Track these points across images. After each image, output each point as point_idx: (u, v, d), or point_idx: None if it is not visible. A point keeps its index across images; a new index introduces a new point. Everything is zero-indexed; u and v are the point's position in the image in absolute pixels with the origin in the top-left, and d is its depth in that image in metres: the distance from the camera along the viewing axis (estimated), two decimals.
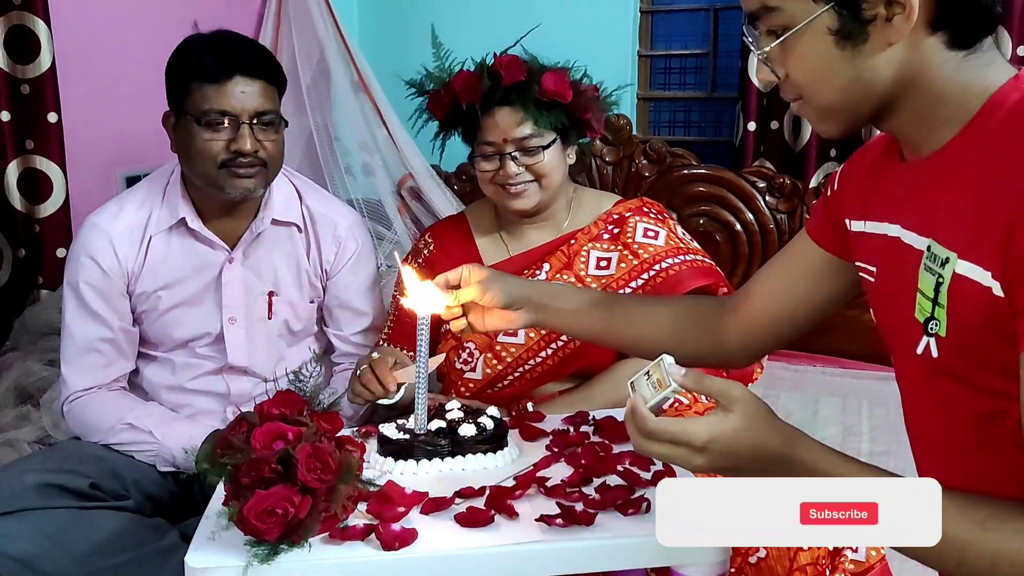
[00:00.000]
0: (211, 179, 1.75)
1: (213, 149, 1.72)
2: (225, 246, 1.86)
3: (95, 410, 1.81)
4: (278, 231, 1.90)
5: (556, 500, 1.26)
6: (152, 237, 1.83)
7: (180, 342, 1.88)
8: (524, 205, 1.82)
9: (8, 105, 2.53)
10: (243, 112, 1.72)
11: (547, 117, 1.78)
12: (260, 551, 1.15)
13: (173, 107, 1.79)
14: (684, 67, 3.28)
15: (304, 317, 1.96)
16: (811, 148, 2.83)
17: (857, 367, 2.62)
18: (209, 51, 1.76)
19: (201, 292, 1.87)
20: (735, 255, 2.79)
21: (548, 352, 1.81)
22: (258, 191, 1.80)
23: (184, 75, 1.76)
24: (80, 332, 1.83)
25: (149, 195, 1.86)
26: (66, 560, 1.58)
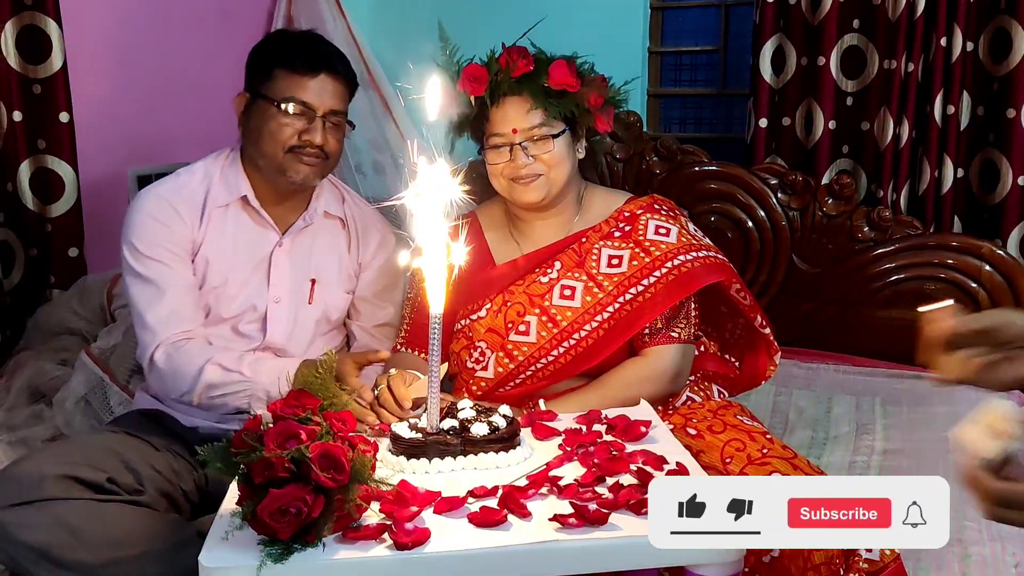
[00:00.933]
0: (276, 161, 1.85)
1: (285, 134, 1.84)
2: (277, 229, 1.95)
3: (181, 360, 1.81)
4: (326, 224, 2.01)
5: (569, 500, 1.26)
6: (211, 211, 1.90)
7: (223, 318, 1.92)
8: (534, 197, 1.82)
9: (20, 105, 2.54)
10: (320, 107, 1.85)
11: (556, 106, 1.78)
12: (273, 551, 1.15)
13: (249, 89, 1.90)
14: (695, 63, 3.27)
15: (339, 307, 2.04)
16: (823, 145, 2.81)
17: (871, 365, 2.60)
18: (302, 44, 1.90)
19: (251, 270, 1.94)
20: (747, 253, 2.77)
21: (560, 351, 1.81)
22: (314, 181, 1.91)
23: (271, 61, 1.87)
24: (160, 280, 1.85)
25: (207, 172, 1.94)
26: (82, 551, 1.60)
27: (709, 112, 3.30)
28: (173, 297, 1.85)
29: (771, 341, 1.95)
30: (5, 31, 2.48)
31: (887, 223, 2.61)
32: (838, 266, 2.68)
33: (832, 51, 2.75)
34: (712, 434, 1.70)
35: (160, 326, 1.84)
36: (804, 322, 2.73)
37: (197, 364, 1.79)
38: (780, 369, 2.58)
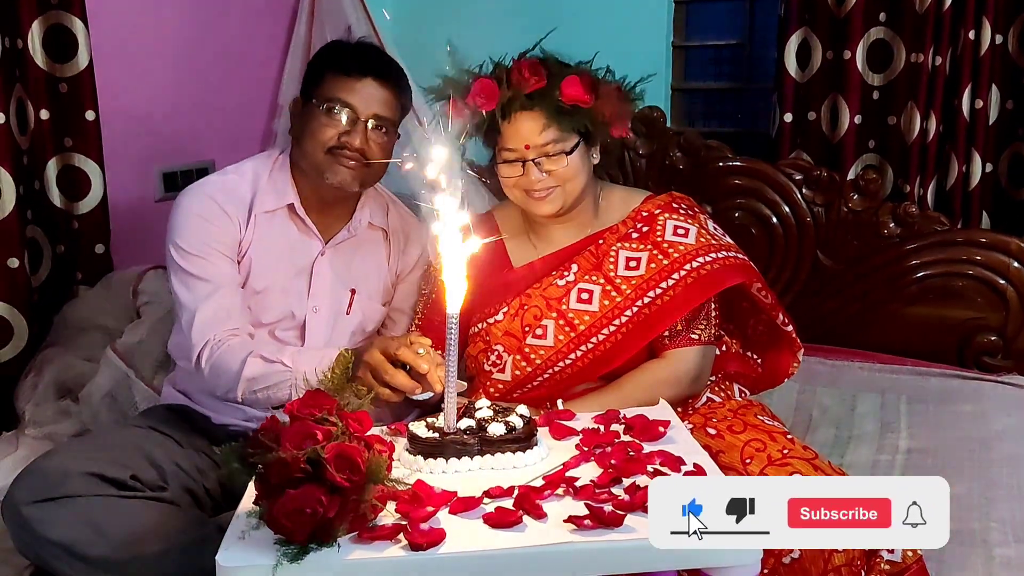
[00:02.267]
0: (316, 162, 1.85)
1: (326, 134, 1.83)
2: (321, 238, 1.95)
3: (225, 356, 1.78)
4: (369, 234, 2.00)
5: (585, 501, 1.26)
6: (257, 216, 1.90)
7: (262, 323, 1.92)
8: (548, 210, 1.81)
9: (47, 104, 2.56)
10: (364, 111, 1.84)
11: (569, 121, 1.75)
12: (289, 551, 1.15)
13: (303, 93, 1.92)
14: (719, 58, 3.24)
15: (376, 319, 2.03)
16: (849, 140, 2.78)
17: (896, 362, 2.58)
18: (352, 50, 1.91)
19: (292, 278, 1.93)
20: (771, 249, 2.75)
21: (577, 354, 1.80)
22: (353, 185, 1.88)
23: (323, 65, 1.89)
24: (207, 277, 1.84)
25: (256, 174, 1.94)
26: (105, 547, 1.62)
27: (734, 107, 3.27)
28: (221, 295, 1.84)
29: (794, 338, 1.93)
30: (32, 30, 2.49)
31: (913, 219, 2.58)
32: (863, 263, 2.66)
33: (858, 44, 2.72)
34: (732, 434, 1.69)
35: (207, 325, 1.81)
36: (829, 319, 2.71)
37: (239, 358, 1.76)
38: (804, 366, 2.55)
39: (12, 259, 2.43)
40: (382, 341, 1.61)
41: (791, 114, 2.84)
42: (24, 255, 2.46)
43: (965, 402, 2.35)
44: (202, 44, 3.02)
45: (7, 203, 2.40)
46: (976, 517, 1.89)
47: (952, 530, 1.80)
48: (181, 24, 2.94)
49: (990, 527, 1.86)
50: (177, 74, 2.95)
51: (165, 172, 2.93)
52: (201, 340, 1.81)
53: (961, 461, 2.11)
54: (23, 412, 2.34)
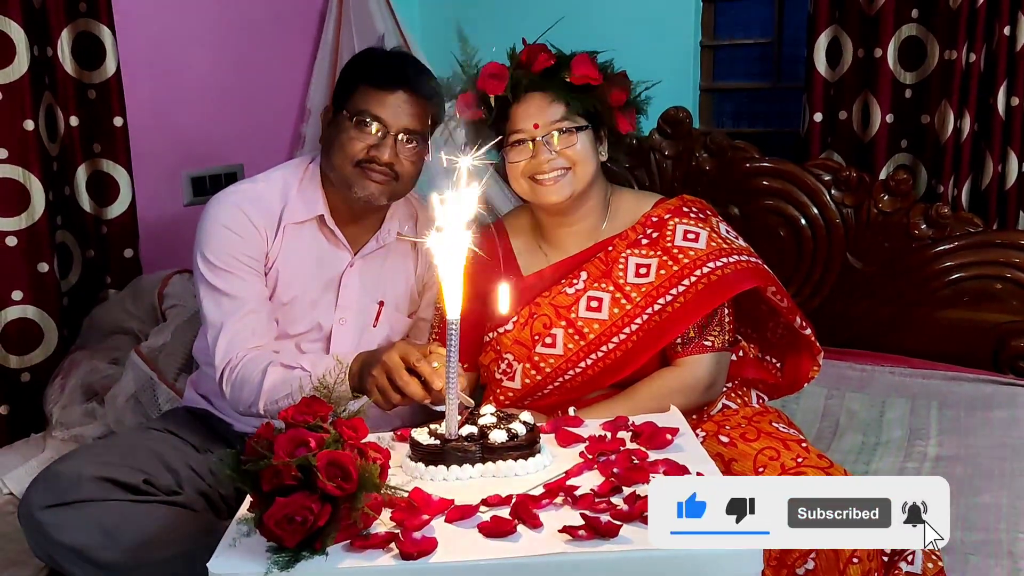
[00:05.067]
0: (344, 175, 1.83)
1: (355, 147, 1.81)
2: (350, 249, 1.93)
3: (247, 370, 1.77)
4: (398, 245, 1.98)
5: (581, 511, 1.24)
6: (286, 227, 1.88)
7: (289, 334, 1.92)
8: (557, 197, 1.78)
9: (76, 110, 2.60)
10: (394, 124, 1.80)
11: (578, 101, 1.75)
12: (280, 558, 1.15)
13: (335, 103, 1.88)
14: (748, 56, 3.19)
15: (401, 330, 2.02)
16: (880, 139, 2.72)
17: (928, 367, 2.51)
18: (385, 61, 1.87)
19: (321, 289, 1.92)
20: (799, 251, 2.70)
21: (587, 363, 1.78)
22: (381, 200, 1.85)
23: (355, 75, 1.85)
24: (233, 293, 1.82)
25: (286, 183, 1.92)
26: (117, 551, 1.64)
27: (764, 106, 3.22)
28: (246, 313, 1.83)
29: (813, 342, 1.89)
30: (61, 38, 2.54)
31: (946, 220, 2.52)
32: (894, 265, 2.60)
33: (889, 42, 2.66)
34: (745, 442, 1.66)
35: (231, 345, 1.80)
36: (859, 323, 2.66)
37: (260, 368, 1.75)
38: (833, 371, 2.53)
39: (42, 264, 2.48)
40: (404, 346, 1.60)
41: (821, 114, 2.79)
42: (54, 260, 2.51)
43: (998, 408, 2.29)
44: (229, 50, 3.05)
45: (37, 209, 2.45)
46: (1004, 528, 1.84)
47: (977, 541, 1.79)
48: (208, 30, 2.97)
49: (1017, 539, 1.80)
50: (204, 79, 2.98)
51: (194, 177, 2.97)
52: (224, 360, 1.80)
53: (991, 469, 2.05)
54: (51, 414, 2.38)
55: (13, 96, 2.37)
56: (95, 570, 1.65)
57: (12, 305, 2.46)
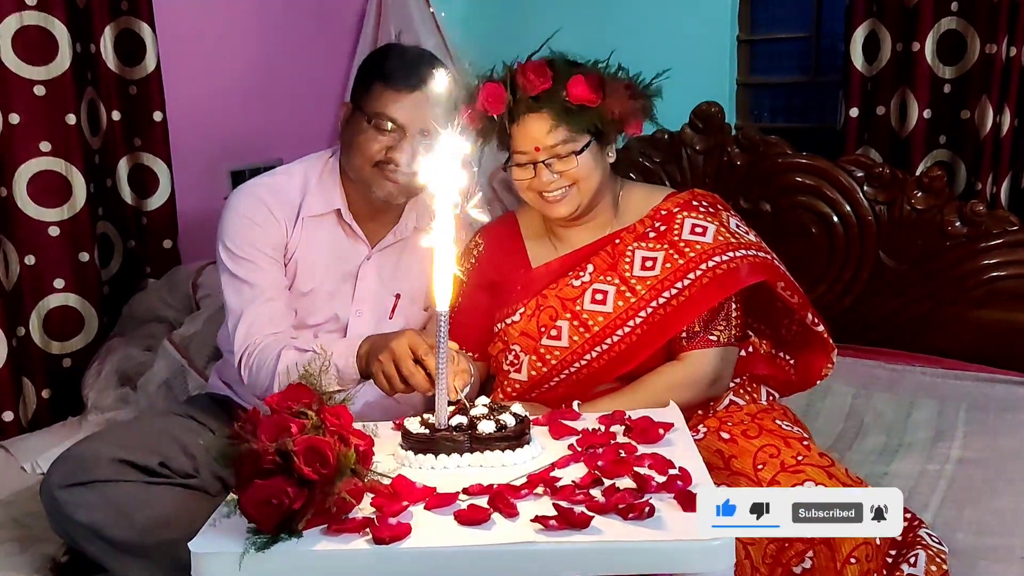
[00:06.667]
0: (362, 175, 1.85)
1: (372, 148, 1.82)
2: (368, 243, 1.96)
3: (263, 355, 1.80)
4: (415, 239, 1.95)
5: (555, 501, 1.25)
6: (305, 218, 1.92)
7: (307, 324, 1.95)
8: (563, 212, 1.79)
9: (118, 105, 2.70)
10: (411, 126, 1.80)
11: (578, 121, 1.72)
12: (258, 540, 1.19)
13: (352, 100, 1.89)
14: (786, 51, 3.15)
15: (417, 324, 2.03)
16: (918, 135, 2.66)
17: (961, 367, 2.45)
18: (403, 60, 1.85)
19: (339, 281, 1.95)
20: (832, 248, 2.65)
21: (592, 355, 1.78)
22: (400, 199, 1.88)
23: (372, 74, 1.85)
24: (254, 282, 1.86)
25: (306, 176, 1.95)
26: (131, 531, 1.69)
27: (801, 101, 3.17)
28: (265, 301, 1.86)
29: (826, 339, 1.86)
30: (104, 36, 2.63)
31: (981, 218, 2.45)
32: (928, 263, 2.54)
33: (928, 35, 2.60)
34: (746, 439, 1.65)
35: (253, 329, 1.84)
36: (891, 321, 2.60)
37: (275, 352, 1.79)
38: (862, 370, 2.49)
39: (83, 253, 2.57)
40: (413, 337, 1.61)
41: (857, 109, 2.74)
42: (95, 250, 2.60)
43: None
44: (269, 45, 3.11)
45: (78, 200, 2.54)
46: (1018, 533, 1.80)
47: (988, 546, 1.77)
48: (247, 26, 3.04)
49: None
50: (244, 75, 3.05)
51: (234, 171, 3.04)
52: (243, 346, 1.84)
53: (1014, 474, 2.00)
54: (87, 398, 2.47)
55: (56, 91, 2.47)
56: (109, 548, 1.70)
57: (54, 293, 2.56)
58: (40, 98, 2.45)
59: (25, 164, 2.46)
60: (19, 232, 2.48)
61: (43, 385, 2.55)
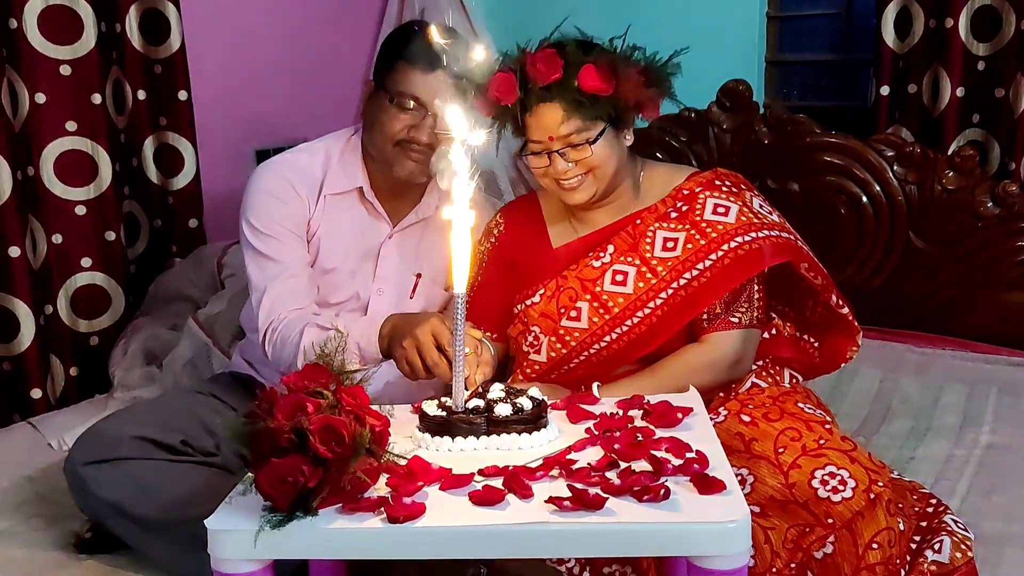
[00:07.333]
0: (384, 154, 1.85)
1: (395, 127, 1.82)
2: (390, 221, 1.96)
3: (286, 331, 1.80)
4: (437, 219, 1.94)
5: (570, 483, 1.24)
6: (327, 197, 1.92)
7: (329, 303, 1.96)
8: (581, 198, 1.77)
9: (143, 84, 2.71)
10: (433, 104, 1.78)
11: (591, 110, 1.69)
12: (273, 517, 1.19)
13: (375, 78, 1.89)
14: (817, 28, 3.09)
15: (438, 304, 2.03)
16: (950, 114, 2.61)
17: (991, 351, 2.41)
18: (424, 39, 1.81)
19: (360, 260, 1.96)
20: (861, 229, 2.61)
21: (612, 337, 1.76)
22: (421, 178, 1.88)
23: (395, 52, 1.84)
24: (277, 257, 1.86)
25: (328, 154, 1.95)
26: (152, 509, 1.70)
27: (832, 79, 3.12)
28: (288, 276, 1.87)
29: (850, 322, 1.83)
30: (129, 14, 2.64)
31: (1013, 198, 2.40)
32: (959, 245, 2.50)
33: (962, 11, 2.55)
34: (767, 422, 1.62)
35: (277, 304, 1.85)
36: (921, 304, 2.57)
37: (297, 329, 1.79)
38: (891, 354, 2.46)
39: (109, 232, 2.59)
40: (437, 325, 1.60)
41: (888, 87, 2.69)
42: (120, 229, 2.62)
43: None
44: (294, 25, 3.11)
45: (104, 179, 2.56)
46: None
47: (1016, 533, 1.74)
48: (272, 5, 3.04)
49: None
50: (269, 55, 3.05)
51: (259, 150, 3.04)
52: (266, 321, 1.85)
53: None
54: (114, 376, 2.49)
55: (81, 70, 2.48)
56: (132, 525, 1.72)
57: (81, 272, 2.58)
58: (66, 77, 2.47)
59: (51, 143, 2.48)
60: (46, 211, 2.50)
61: (71, 363, 2.58)
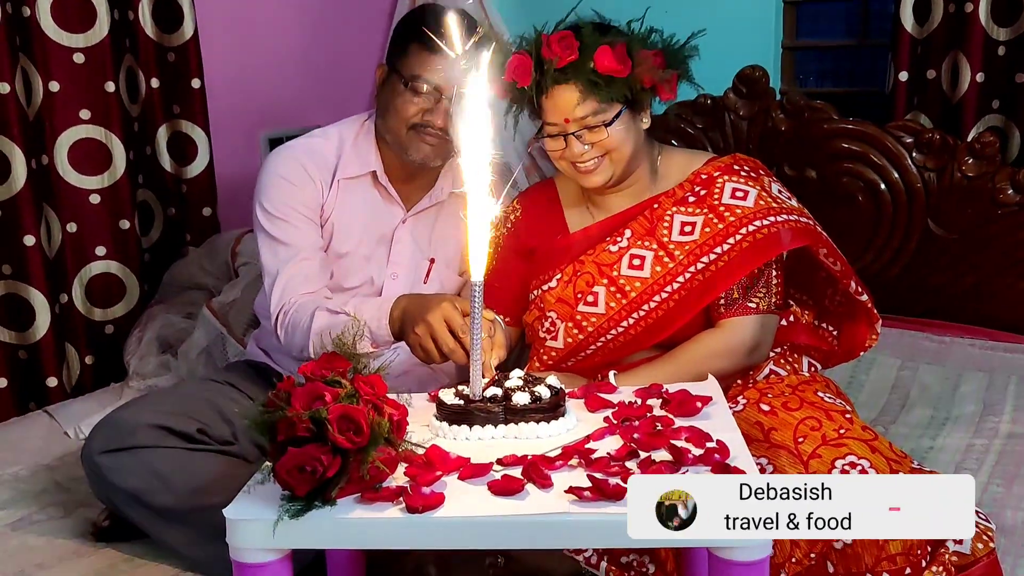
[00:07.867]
0: (398, 138, 1.85)
1: (409, 111, 1.82)
2: (404, 206, 1.96)
3: (297, 315, 1.81)
4: (451, 204, 1.97)
5: (589, 473, 1.23)
6: (340, 181, 1.92)
7: (343, 287, 1.95)
8: (597, 181, 1.76)
9: (157, 72, 2.70)
10: (447, 88, 1.78)
11: (607, 92, 1.68)
12: (292, 507, 1.18)
13: (388, 62, 1.88)
14: (834, 13, 3.06)
15: (453, 289, 2.02)
16: (970, 100, 2.57)
17: (1011, 340, 2.38)
18: (438, 22, 1.81)
19: (375, 244, 1.96)
20: (878, 217, 2.58)
21: (629, 322, 1.76)
22: (436, 161, 1.88)
23: (409, 36, 1.84)
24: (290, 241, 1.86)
25: (341, 138, 1.95)
26: (169, 497, 1.72)
27: (850, 65, 3.09)
28: (301, 260, 1.87)
29: (870, 309, 1.81)
30: (142, 3, 2.64)
31: None
32: (978, 232, 2.46)
33: None
34: (787, 411, 1.61)
35: (289, 288, 1.85)
36: (939, 292, 2.53)
37: (309, 312, 1.79)
38: (909, 342, 2.43)
39: (123, 221, 2.60)
40: (449, 310, 1.59)
41: (907, 73, 2.65)
42: (135, 217, 2.62)
43: None
44: (306, 11, 3.10)
45: (118, 168, 2.56)
46: None
47: None
48: None
49: None
50: (282, 42, 3.04)
51: (271, 138, 3.03)
52: (279, 305, 1.85)
53: None
54: (129, 365, 2.50)
55: (94, 58, 2.48)
56: (149, 513, 1.73)
57: (96, 260, 2.59)
58: (79, 66, 2.46)
59: (65, 132, 2.48)
60: (61, 200, 2.50)
61: (86, 351, 2.59)
